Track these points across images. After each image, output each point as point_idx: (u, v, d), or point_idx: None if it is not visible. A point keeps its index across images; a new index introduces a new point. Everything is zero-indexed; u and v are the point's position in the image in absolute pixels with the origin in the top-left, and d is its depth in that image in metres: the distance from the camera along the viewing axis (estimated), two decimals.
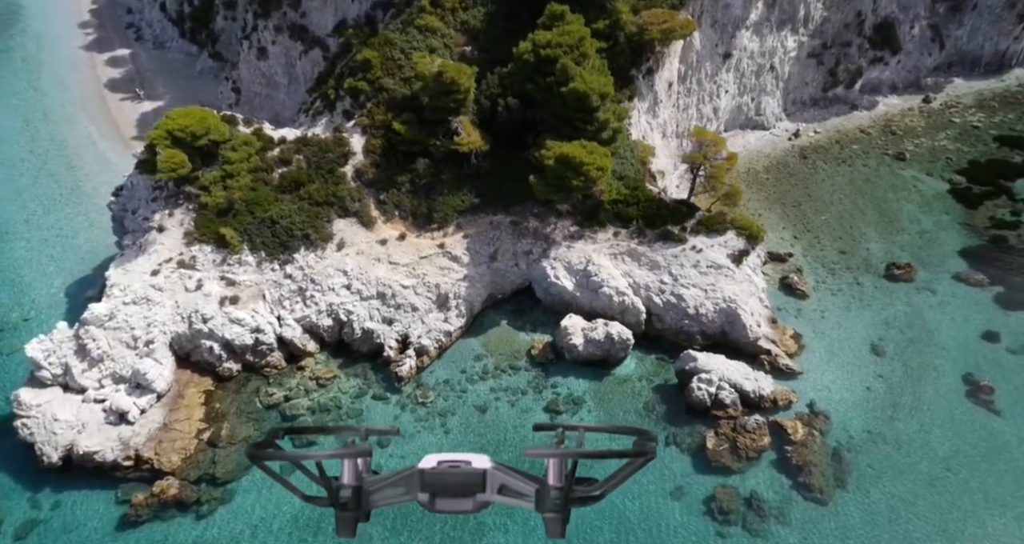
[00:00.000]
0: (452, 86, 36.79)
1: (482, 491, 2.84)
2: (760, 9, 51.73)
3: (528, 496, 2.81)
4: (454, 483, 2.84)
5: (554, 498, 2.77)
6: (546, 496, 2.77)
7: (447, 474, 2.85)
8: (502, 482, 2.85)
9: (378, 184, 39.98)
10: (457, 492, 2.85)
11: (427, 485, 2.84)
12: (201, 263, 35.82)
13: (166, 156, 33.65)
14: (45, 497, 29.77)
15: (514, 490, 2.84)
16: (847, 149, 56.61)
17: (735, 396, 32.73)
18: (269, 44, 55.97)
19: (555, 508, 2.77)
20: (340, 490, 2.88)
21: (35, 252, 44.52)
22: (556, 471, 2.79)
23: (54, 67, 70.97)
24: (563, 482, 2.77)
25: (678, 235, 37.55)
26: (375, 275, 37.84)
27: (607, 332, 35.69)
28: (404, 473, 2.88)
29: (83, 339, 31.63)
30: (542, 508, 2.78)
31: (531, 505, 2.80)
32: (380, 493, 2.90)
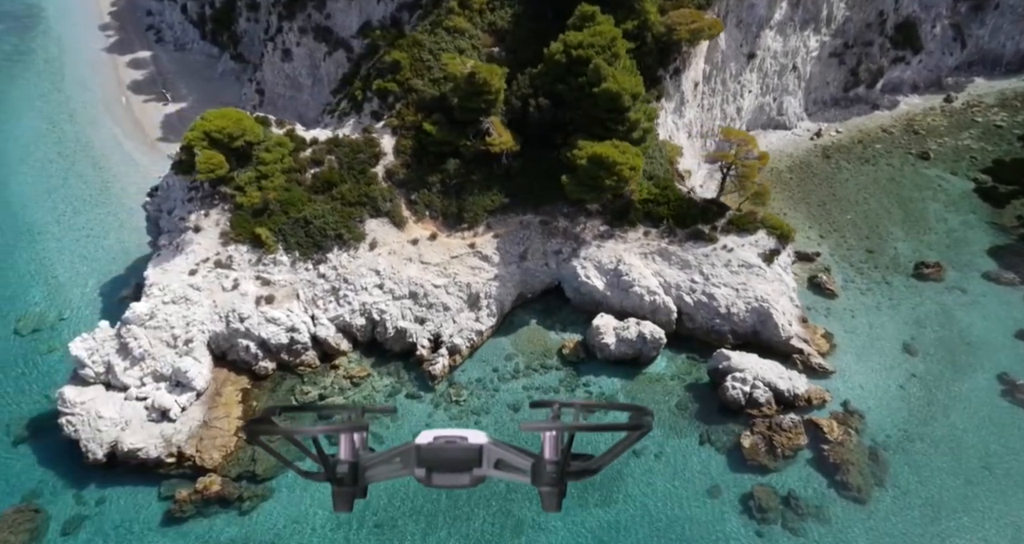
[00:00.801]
0: (484, 87, 37.05)
1: (478, 466, 2.84)
2: (784, 9, 51.77)
3: (524, 470, 2.80)
4: (451, 458, 2.83)
5: (550, 472, 2.76)
6: (542, 470, 2.76)
7: (444, 449, 2.83)
8: (498, 457, 2.85)
9: (409, 184, 40.28)
10: (454, 467, 2.83)
11: (424, 460, 2.83)
12: (237, 263, 36.22)
13: (204, 157, 34.05)
14: (90, 493, 30.18)
15: (510, 465, 2.83)
16: (870, 148, 56.56)
17: (769, 395, 32.86)
18: (293, 46, 56.39)
19: (551, 482, 2.76)
20: (337, 466, 2.86)
21: (67, 252, 45.03)
22: (552, 445, 2.78)
23: (76, 69, 71.62)
24: (559, 456, 2.76)
25: (709, 234, 37.68)
26: (407, 274, 38.14)
27: (639, 331, 35.87)
28: (401, 449, 2.88)
29: (125, 338, 32.05)
30: (538, 482, 2.77)
31: (527, 479, 2.78)
32: (377, 468, 2.90)
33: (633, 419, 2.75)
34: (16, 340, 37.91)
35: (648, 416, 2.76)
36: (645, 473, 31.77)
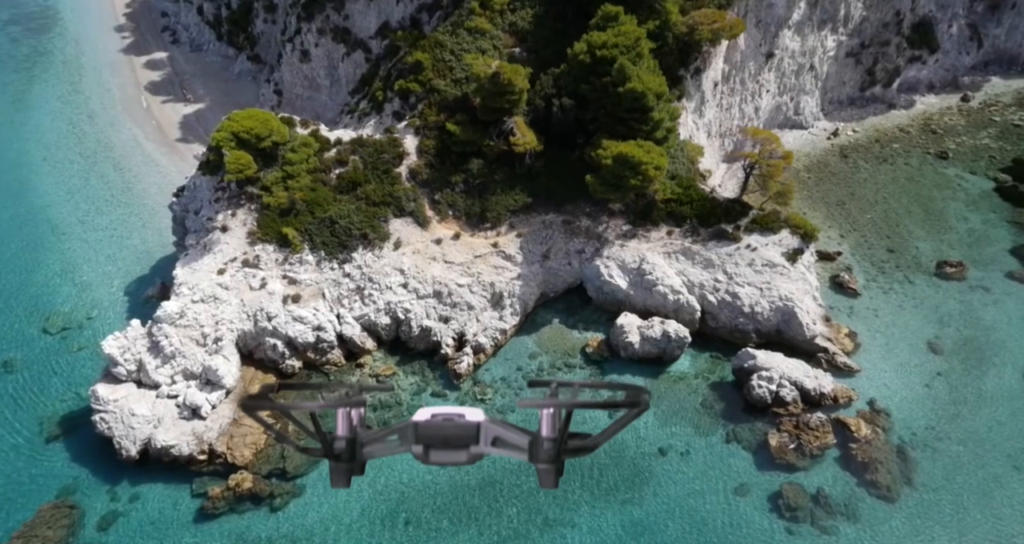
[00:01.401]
0: (508, 86, 37.26)
1: (476, 443, 2.84)
2: (803, 8, 51.80)
3: (521, 448, 2.80)
4: (448, 435, 2.84)
5: (547, 449, 2.76)
6: (539, 447, 2.76)
7: (441, 426, 2.85)
8: (496, 434, 2.84)
9: (432, 184, 40.52)
10: (451, 444, 2.84)
11: (421, 437, 2.84)
12: (264, 262, 36.52)
13: (233, 157, 34.35)
14: (123, 490, 30.51)
15: (508, 442, 2.83)
16: (887, 148, 56.52)
17: (796, 394, 32.94)
18: (312, 46, 56.74)
19: (548, 459, 2.76)
20: (334, 442, 2.87)
21: (92, 252, 45.46)
22: (550, 422, 2.78)
23: (94, 70, 72.23)
24: (556, 434, 2.76)
25: (732, 234, 37.78)
26: (431, 274, 38.38)
27: (664, 330, 36.00)
28: (399, 426, 2.90)
29: (156, 336, 32.38)
30: (535, 459, 2.77)
31: (524, 456, 2.79)
32: (374, 445, 2.91)
33: (630, 397, 2.75)
34: (46, 339, 38.33)
35: (645, 395, 2.75)
36: (672, 471, 31.91)
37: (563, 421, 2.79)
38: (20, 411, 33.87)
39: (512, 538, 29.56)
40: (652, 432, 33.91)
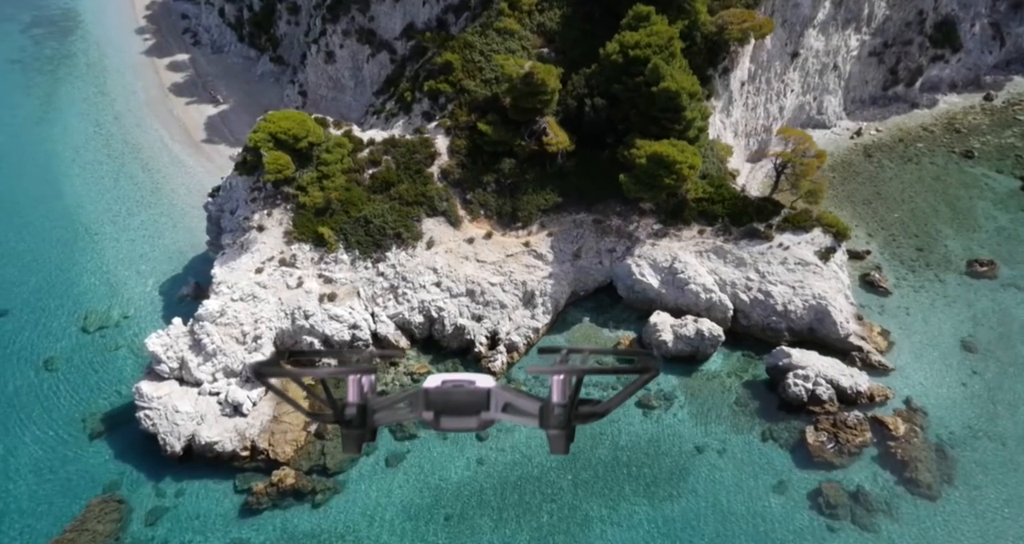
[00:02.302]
0: (540, 87, 37.52)
1: (486, 409, 2.84)
2: (827, 8, 51.84)
3: (532, 414, 2.80)
4: (458, 401, 2.84)
5: (558, 415, 2.76)
6: (550, 413, 2.77)
7: (452, 393, 2.86)
8: (506, 400, 2.85)
9: (464, 184, 40.83)
10: (461, 410, 2.85)
11: (432, 404, 2.85)
12: (301, 261, 36.92)
13: (271, 158, 34.76)
14: (167, 485, 30.94)
15: (518, 408, 2.84)
16: (912, 147, 56.43)
17: (832, 392, 33.04)
18: (337, 48, 57.19)
19: (559, 425, 2.76)
20: (345, 408, 2.88)
21: (125, 252, 46.00)
22: (560, 388, 2.79)
23: (117, 72, 72.93)
24: (566, 400, 2.76)
25: (764, 232, 37.90)
26: (464, 273, 38.68)
27: (697, 328, 36.16)
28: (409, 393, 2.91)
29: (198, 334, 32.81)
30: (546, 425, 2.77)
31: (535, 423, 2.79)
32: (385, 411, 2.90)
33: (640, 363, 2.73)
34: (84, 337, 38.85)
35: (655, 360, 2.74)
36: (710, 469, 32.08)
37: (573, 387, 2.78)
38: (63, 408, 34.38)
39: (552, 534, 29.79)
40: (688, 430, 34.09)
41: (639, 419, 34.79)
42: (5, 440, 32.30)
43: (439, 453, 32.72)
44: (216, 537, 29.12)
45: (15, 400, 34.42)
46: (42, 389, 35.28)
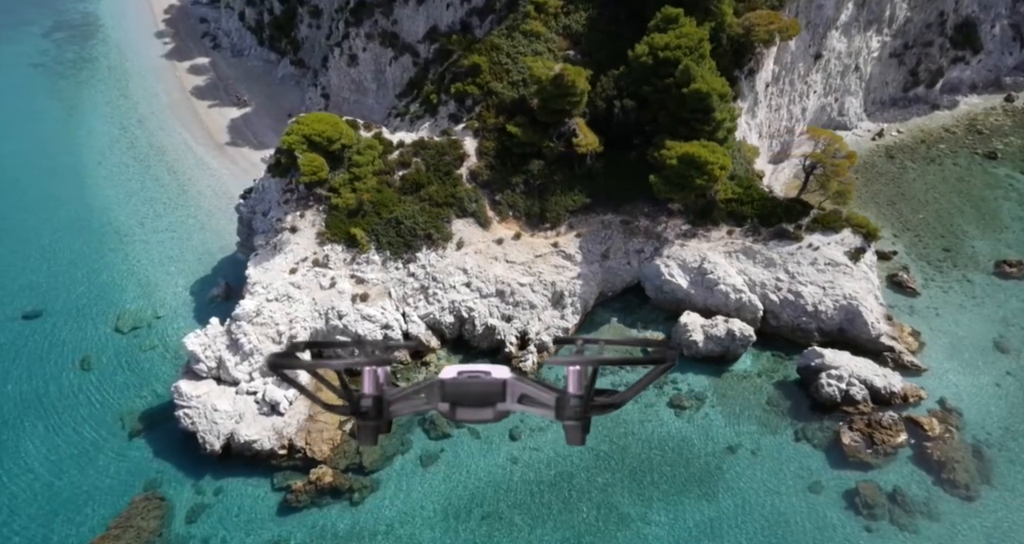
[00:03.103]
0: (571, 88, 37.79)
1: (502, 400, 2.84)
2: (850, 9, 51.97)
3: (548, 405, 2.80)
4: (474, 392, 2.84)
5: (574, 406, 2.75)
6: (566, 404, 2.76)
7: (467, 384, 2.86)
8: (522, 391, 2.84)
9: (492, 185, 41.12)
10: (477, 401, 2.85)
11: (448, 395, 2.85)
12: (333, 262, 37.27)
13: (306, 160, 35.14)
14: (207, 483, 31.25)
15: (534, 399, 2.83)
16: (934, 148, 56.43)
17: (865, 392, 33.08)
18: (360, 51, 57.63)
19: (575, 416, 2.76)
20: (361, 400, 2.88)
21: (154, 253, 46.47)
22: (576, 379, 2.79)
23: (139, 76, 73.69)
24: (582, 390, 2.76)
25: (794, 233, 38.01)
26: (493, 273, 38.93)
27: (728, 328, 36.27)
28: (425, 384, 2.91)
29: (235, 334, 33.17)
30: (562, 416, 2.76)
31: (551, 414, 2.78)
32: (401, 403, 2.90)
33: (657, 353, 2.71)
34: (117, 337, 39.28)
35: (672, 351, 2.73)
36: (744, 469, 32.16)
37: (589, 378, 2.78)
38: (101, 407, 34.78)
39: (588, 533, 29.94)
40: (720, 430, 34.18)
41: (671, 419, 34.91)
42: (47, 438, 32.73)
43: (473, 452, 32.93)
44: (257, 534, 29.40)
45: (55, 399, 34.86)
46: (80, 388, 35.71)
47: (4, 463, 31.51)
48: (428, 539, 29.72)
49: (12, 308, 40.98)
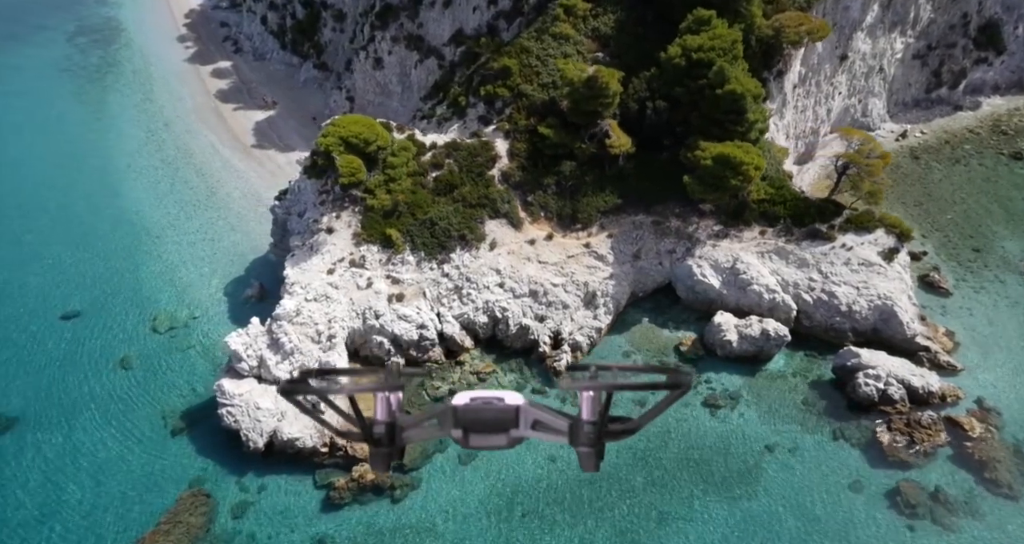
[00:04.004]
0: (603, 90, 38.09)
1: (515, 427, 2.83)
2: (875, 11, 52.08)
3: (562, 431, 2.79)
4: (487, 419, 2.83)
5: (588, 432, 2.73)
6: (580, 431, 2.74)
7: (481, 410, 2.84)
8: (535, 418, 2.83)
9: (524, 186, 41.44)
10: (490, 428, 2.84)
11: (461, 421, 2.83)
12: (370, 262, 37.65)
13: (344, 162, 35.57)
14: (250, 481, 31.60)
15: (547, 426, 2.82)
16: (959, 149, 56.40)
17: (903, 392, 33.12)
18: (385, 54, 58.19)
19: (589, 442, 2.74)
20: (373, 426, 2.87)
21: (187, 254, 47.02)
22: (590, 405, 2.76)
23: (163, 80, 74.58)
24: (596, 416, 2.74)
25: (827, 233, 38.11)
26: (526, 273, 39.21)
27: (763, 328, 36.39)
28: (438, 410, 2.89)
29: (276, 333, 33.57)
30: (576, 442, 2.75)
31: (565, 440, 2.77)
32: (413, 429, 2.90)
33: (671, 378, 2.69)
34: (156, 337, 39.77)
35: (687, 376, 2.69)
36: (782, 468, 32.24)
37: (603, 404, 2.76)
38: (143, 406, 35.24)
39: (629, 531, 30.09)
40: (756, 429, 34.28)
41: (706, 418, 35.04)
42: (93, 436, 33.20)
43: (511, 451, 33.09)
44: (301, 531, 29.72)
45: (98, 398, 35.35)
46: (121, 388, 36.18)
47: (53, 461, 32.00)
48: (471, 536, 29.95)
49: (50, 308, 41.58)
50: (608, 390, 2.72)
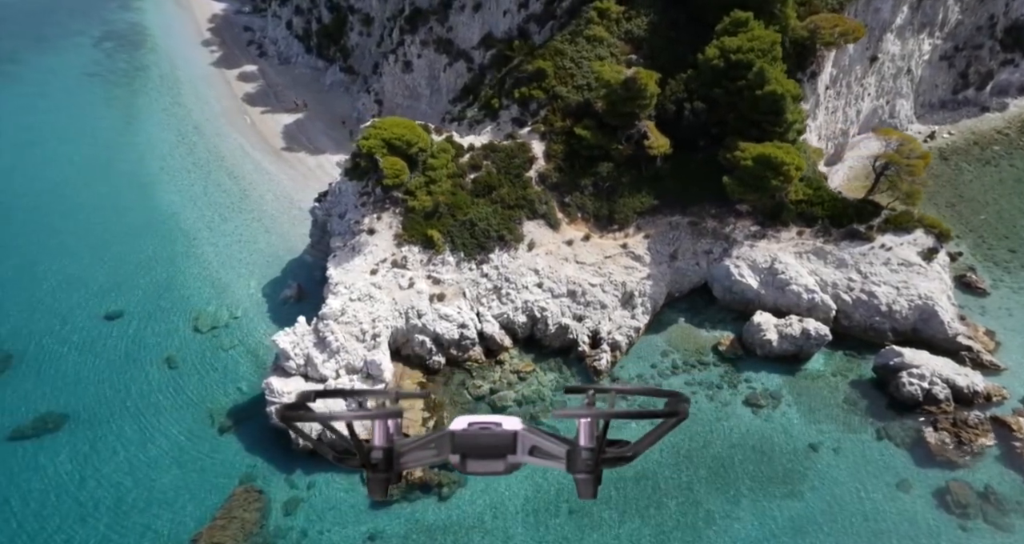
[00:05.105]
0: (641, 91, 38.40)
1: (513, 453, 2.82)
2: (905, 13, 52.21)
3: (559, 457, 2.77)
4: (485, 444, 2.82)
5: (585, 459, 2.71)
6: (577, 457, 2.72)
7: (478, 436, 2.83)
8: (533, 443, 2.82)
9: (561, 187, 41.77)
10: (488, 453, 2.83)
11: (458, 446, 2.82)
12: (411, 263, 38.05)
13: (388, 163, 36.02)
14: (299, 478, 31.97)
15: (545, 451, 2.80)
16: (988, 150, 56.34)
17: (948, 392, 33.14)
18: (414, 57, 58.77)
19: (586, 469, 2.72)
20: (371, 451, 2.85)
21: (224, 256, 47.56)
22: (587, 432, 2.73)
23: (191, 84, 75.44)
24: (594, 443, 2.72)
25: (866, 233, 38.21)
26: (564, 274, 39.50)
27: (803, 328, 36.50)
28: (435, 435, 2.88)
29: (323, 332, 33.97)
30: (573, 469, 2.73)
31: (562, 466, 2.75)
32: (411, 454, 2.88)
33: (669, 405, 2.68)
34: (198, 337, 40.27)
35: (685, 403, 2.68)
36: (827, 467, 32.30)
37: (601, 430, 2.74)
38: (190, 404, 35.70)
39: (677, 529, 30.24)
40: (799, 428, 34.36)
41: (748, 417, 35.15)
42: (143, 434, 33.67)
43: None
44: (352, 527, 30.03)
45: (146, 396, 35.84)
46: (167, 386, 36.67)
47: (105, 458, 32.47)
48: (518, 533, 30.18)
49: (94, 309, 42.18)
50: (605, 418, 2.70)
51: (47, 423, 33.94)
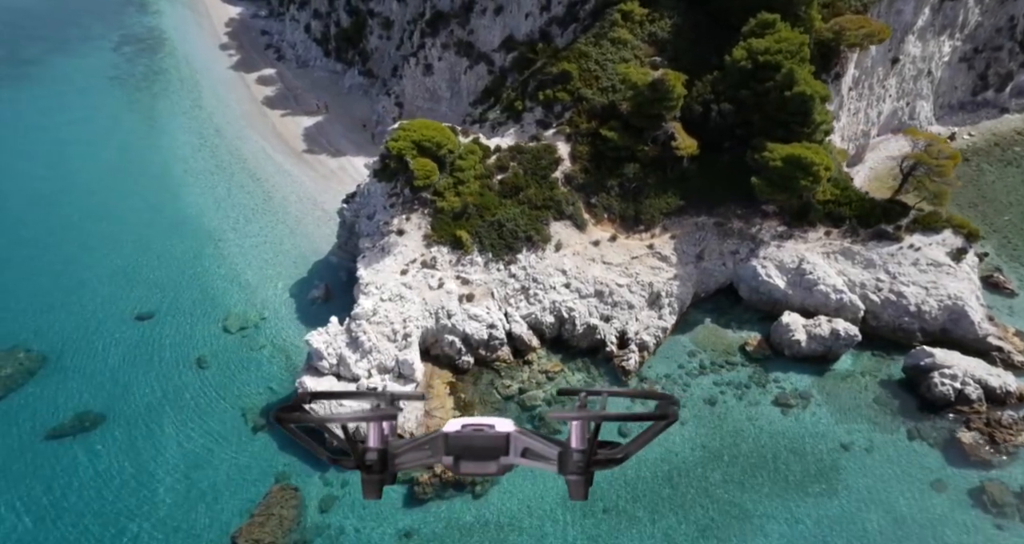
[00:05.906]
0: (668, 93, 38.63)
1: (505, 454, 2.87)
2: (927, 14, 52.29)
3: (551, 459, 2.81)
4: (478, 446, 2.86)
5: (577, 461, 2.76)
6: (569, 459, 2.77)
7: (471, 437, 2.87)
8: (525, 445, 2.86)
9: (587, 188, 42.01)
10: (481, 455, 2.87)
11: (452, 448, 2.86)
12: (440, 263, 38.34)
13: (419, 165, 36.36)
14: (333, 475, 32.22)
15: (537, 453, 2.85)
16: (1009, 151, 56.26)
17: (980, 392, 33.12)
18: (435, 60, 59.18)
19: (577, 470, 2.77)
20: (366, 453, 2.88)
21: (250, 257, 47.98)
22: (579, 434, 2.77)
23: (210, 87, 76.12)
24: (585, 445, 2.76)
25: (894, 234, 38.26)
26: (591, 274, 39.70)
27: (832, 328, 36.55)
28: (429, 437, 2.91)
29: (355, 332, 34.26)
30: (565, 470, 2.78)
31: (554, 468, 2.80)
32: (405, 456, 2.91)
33: (660, 408, 2.73)
34: (228, 337, 40.64)
35: (675, 406, 2.72)
36: (860, 466, 32.33)
37: (592, 432, 2.78)
38: (222, 404, 36.04)
39: (712, 527, 30.31)
40: (829, 428, 34.39)
41: (778, 417, 35.21)
42: (178, 433, 34.02)
43: None
44: (388, 524, 30.25)
45: (178, 396, 36.20)
46: (200, 386, 37.03)
47: (142, 457, 32.82)
48: (553, 531, 30.32)
49: (125, 310, 42.63)
50: (596, 421, 2.75)
51: (84, 422, 34.35)
